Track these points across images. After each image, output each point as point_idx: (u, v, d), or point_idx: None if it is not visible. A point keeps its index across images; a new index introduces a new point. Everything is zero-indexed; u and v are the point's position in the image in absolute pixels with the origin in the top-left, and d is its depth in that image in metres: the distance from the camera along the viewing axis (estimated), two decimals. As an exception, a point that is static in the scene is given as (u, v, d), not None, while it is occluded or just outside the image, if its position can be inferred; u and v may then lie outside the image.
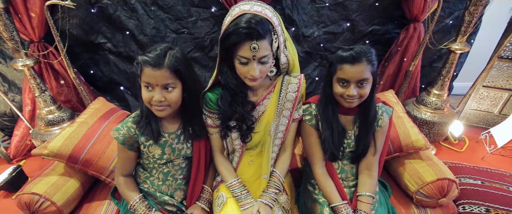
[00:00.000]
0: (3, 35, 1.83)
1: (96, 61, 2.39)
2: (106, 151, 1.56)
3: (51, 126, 2.19)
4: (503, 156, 2.56)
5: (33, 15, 2.01)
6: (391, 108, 1.41)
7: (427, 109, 2.34)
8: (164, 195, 1.38)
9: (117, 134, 1.24)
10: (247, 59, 1.15)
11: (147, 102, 1.17)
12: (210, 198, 1.45)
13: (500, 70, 2.58)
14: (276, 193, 1.37)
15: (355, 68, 1.20)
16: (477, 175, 1.88)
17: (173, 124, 1.33)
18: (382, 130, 1.37)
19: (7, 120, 2.60)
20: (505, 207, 1.66)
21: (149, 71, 1.10)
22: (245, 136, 1.37)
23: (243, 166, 1.45)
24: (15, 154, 2.55)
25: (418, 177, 1.51)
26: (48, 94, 2.14)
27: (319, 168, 1.42)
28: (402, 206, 1.57)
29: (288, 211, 1.43)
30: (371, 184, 1.38)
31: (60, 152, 1.46)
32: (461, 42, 2.09)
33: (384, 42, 2.51)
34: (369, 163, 1.40)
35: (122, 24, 2.17)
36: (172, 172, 1.37)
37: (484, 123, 2.89)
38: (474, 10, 1.93)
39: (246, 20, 1.09)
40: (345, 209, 1.32)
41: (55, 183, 1.46)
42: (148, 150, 1.29)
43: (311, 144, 1.42)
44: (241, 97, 1.32)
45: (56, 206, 1.40)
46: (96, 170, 1.53)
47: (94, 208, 1.56)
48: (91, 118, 1.65)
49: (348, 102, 1.28)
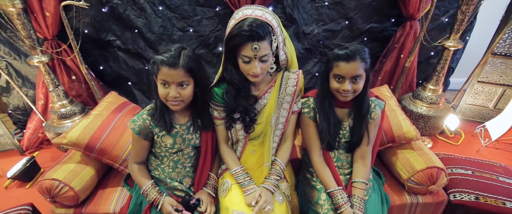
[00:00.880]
0: (21, 34, 1.97)
1: (106, 57, 2.54)
2: (120, 141, 1.70)
3: (64, 119, 2.33)
4: (497, 149, 2.69)
5: (48, 14, 2.15)
6: (383, 102, 1.53)
7: (423, 103, 2.47)
8: (173, 181, 1.52)
9: (133, 125, 1.38)
10: (249, 58, 1.29)
11: (163, 98, 1.31)
12: (215, 184, 1.58)
13: (494, 66, 2.70)
14: (277, 179, 1.50)
15: (350, 65, 1.33)
16: (468, 165, 2.00)
17: (183, 116, 1.47)
18: (375, 122, 1.50)
19: (20, 114, 2.76)
20: (493, 195, 1.78)
21: (166, 70, 1.24)
22: (248, 127, 1.51)
23: (246, 155, 1.59)
24: (27, 146, 2.71)
25: (409, 165, 1.65)
26: (61, 89, 2.28)
27: (316, 157, 1.55)
28: (395, 193, 1.70)
29: (288, 197, 1.56)
30: (365, 172, 1.51)
31: (78, 142, 1.61)
32: (454, 40, 2.21)
33: (382, 39, 2.63)
34: (363, 152, 1.53)
35: (131, 23, 2.31)
36: (181, 160, 1.51)
37: (479, 117, 3.02)
38: (466, 9, 2.05)
39: (248, 23, 1.23)
40: (340, 194, 1.45)
41: (73, 170, 1.61)
42: (161, 140, 1.43)
43: (310, 134, 1.56)
44: (245, 92, 1.45)
45: (74, 191, 1.54)
46: (110, 158, 1.68)
47: (108, 194, 1.71)
48: (105, 111, 1.79)
49: (343, 96, 1.41)
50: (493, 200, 1.76)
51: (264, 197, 1.40)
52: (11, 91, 2.62)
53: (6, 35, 2.35)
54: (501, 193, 1.79)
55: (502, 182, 1.88)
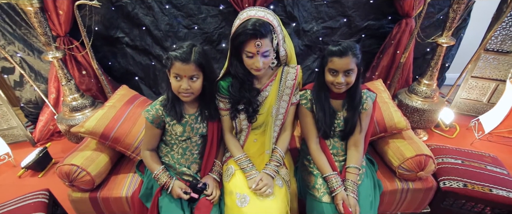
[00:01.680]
0: (38, 31, 2.14)
1: (114, 53, 2.71)
2: (132, 130, 1.87)
3: (75, 111, 2.50)
4: (490, 141, 2.86)
5: (61, 13, 2.33)
6: (375, 94, 1.70)
7: (418, 98, 2.62)
8: (182, 166, 1.68)
9: (147, 114, 1.55)
10: (252, 53, 1.46)
11: (175, 90, 1.48)
12: (220, 170, 1.75)
13: (486, 62, 2.86)
14: (277, 166, 1.66)
15: (343, 60, 1.49)
16: (458, 155, 2.16)
17: (192, 107, 1.63)
18: (367, 112, 1.66)
19: (32, 107, 2.94)
20: (480, 183, 1.93)
21: (179, 65, 1.40)
22: (251, 117, 1.68)
23: (249, 144, 1.75)
24: (39, 138, 2.89)
25: (400, 153, 1.81)
26: (73, 83, 2.45)
27: (313, 144, 1.72)
28: (387, 179, 1.87)
29: (287, 182, 1.72)
30: (358, 158, 1.68)
31: (94, 130, 1.78)
32: (447, 36, 2.36)
33: (379, 36, 2.79)
34: (356, 140, 1.69)
35: (139, 20, 2.49)
36: (189, 147, 1.68)
37: (474, 111, 3.18)
38: (457, 7, 2.20)
39: (251, 23, 1.40)
40: (335, 178, 1.62)
41: (89, 156, 1.78)
42: (171, 128, 1.59)
43: (307, 124, 1.72)
44: (248, 85, 1.62)
45: (91, 176, 1.71)
46: (123, 146, 1.85)
47: (120, 179, 1.88)
48: (118, 102, 1.96)
49: (337, 88, 1.57)
50: (481, 187, 1.91)
51: (265, 181, 1.56)
52: (24, 85, 2.79)
53: (21, 32, 2.53)
54: (488, 181, 1.94)
55: (490, 171, 2.03)
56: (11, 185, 2.52)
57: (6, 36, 2.51)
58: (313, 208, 1.65)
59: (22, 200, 1.81)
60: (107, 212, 1.86)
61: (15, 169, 2.67)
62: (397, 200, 1.87)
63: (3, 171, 2.66)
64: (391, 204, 1.89)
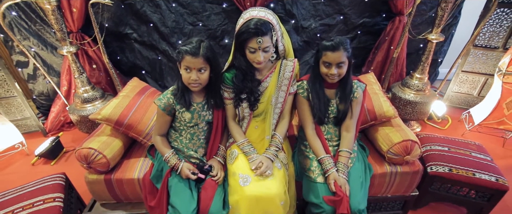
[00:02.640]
0: (54, 27, 2.36)
1: (123, 49, 2.94)
2: (143, 118, 2.08)
3: (86, 103, 2.72)
4: (479, 132, 3.07)
5: (75, 10, 2.55)
6: (364, 84, 1.91)
7: (410, 91, 2.84)
8: (190, 150, 1.89)
9: (159, 102, 1.76)
10: (254, 49, 1.67)
11: (185, 81, 1.68)
12: (224, 154, 1.95)
13: (476, 57, 3.08)
14: (276, 150, 1.87)
15: (335, 54, 1.70)
16: (445, 143, 2.36)
17: (200, 96, 1.84)
18: (357, 100, 1.87)
19: (44, 99, 3.16)
20: (465, 168, 2.13)
21: (189, 58, 1.61)
22: (252, 105, 1.89)
23: (251, 130, 1.96)
24: (50, 128, 3.12)
25: (388, 139, 2.01)
26: (85, 76, 2.67)
27: (309, 130, 1.93)
28: (377, 163, 2.07)
29: (285, 165, 1.93)
30: (349, 142, 1.89)
31: (110, 117, 1.99)
32: (437, 33, 2.57)
33: (374, 32, 3.01)
34: (347, 126, 1.91)
35: (147, 18, 2.71)
36: (197, 133, 1.89)
37: (465, 104, 3.40)
38: (445, 6, 2.41)
39: (253, 23, 1.62)
40: (328, 160, 1.83)
41: (105, 141, 1.98)
42: (181, 115, 1.80)
43: (304, 111, 1.93)
44: (250, 76, 1.83)
45: (106, 159, 1.92)
46: (135, 132, 2.06)
47: (132, 163, 2.08)
48: (131, 93, 2.18)
49: (331, 79, 1.78)
50: (464, 171, 2.11)
51: (265, 163, 1.77)
52: (37, 78, 3.02)
53: (36, 28, 2.75)
54: (472, 166, 2.14)
55: (474, 157, 2.23)
56: (26, 172, 2.75)
57: (22, 32, 2.73)
58: (309, 188, 1.86)
59: (41, 182, 2.03)
60: (120, 193, 2.06)
61: (28, 157, 2.90)
62: (386, 182, 2.08)
63: (17, 159, 2.89)
64: (381, 186, 2.09)
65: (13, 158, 2.91)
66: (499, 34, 2.92)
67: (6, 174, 2.75)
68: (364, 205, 1.78)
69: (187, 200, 1.75)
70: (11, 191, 1.97)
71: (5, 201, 1.88)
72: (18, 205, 1.84)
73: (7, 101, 2.95)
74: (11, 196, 1.91)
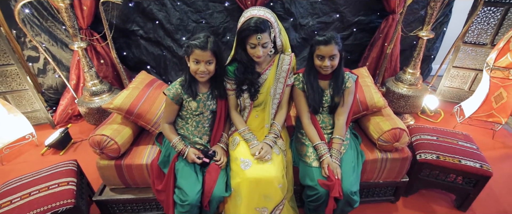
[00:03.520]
0: (67, 24, 2.56)
1: (129, 45, 3.15)
2: (152, 108, 2.28)
3: (94, 96, 2.93)
4: (470, 125, 3.28)
5: (85, 8, 2.75)
6: (356, 75, 2.11)
7: (403, 85, 3.04)
8: (195, 137, 2.08)
9: (168, 92, 1.95)
10: (254, 44, 1.88)
11: (194, 72, 1.88)
12: (227, 141, 2.15)
13: (466, 53, 3.29)
14: (275, 137, 2.07)
15: (327, 48, 1.90)
16: (434, 133, 2.55)
17: (205, 87, 2.04)
18: (349, 90, 2.07)
19: (52, 93, 3.38)
20: (451, 155, 2.31)
21: (198, 52, 1.81)
22: (253, 95, 2.08)
23: (251, 119, 2.16)
24: (58, 120, 3.33)
25: (379, 127, 2.21)
26: (94, 70, 2.88)
27: (305, 119, 2.13)
28: (369, 150, 2.26)
29: (283, 151, 2.11)
30: (342, 129, 2.08)
31: (121, 107, 2.19)
32: (427, 30, 2.78)
33: (369, 30, 3.22)
34: (340, 114, 2.10)
35: (153, 15, 2.92)
36: (202, 121, 2.08)
37: (457, 98, 3.61)
38: (434, 5, 2.62)
39: (254, 21, 1.82)
40: (322, 146, 2.02)
41: (116, 129, 2.18)
42: (188, 104, 2.00)
43: (300, 101, 2.13)
44: (251, 69, 2.03)
45: (118, 145, 2.11)
46: (144, 121, 2.26)
47: (141, 150, 2.28)
48: (140, 84, 2.38)
49: (324, 71, 1.98)
50: (451, 158, 2.29)
51: (265, 149, 1.96)
52: (47, 72, 3.23)
53: (47, 25, 2.96)
54: (458, 153, 2.32)
55: (461, 146, 2.42)
56: (35, 161, 2.95)
57: (34, 28, 2.94)
58: (305, 172, 2.06)
59: (55, 167, 2.22)
60: (129, 178, 2.25)
61: (38, 148, 3.10)
62: (378, 168, 2.27)
63: (27, 150, 3.10)
64: (373, 172, 2.29)
65: (23, 148, 3.11)
66: (487, 32, 3.14)
67: (17, 163, 2.95)
68: (356, 187, 1.97)
69: (192, 182, 1.94)
70: (27, 176, 2.15)
71: (22, 184, 2.06)
72: (34, 187, 2.02)
73: (19, 94, 3.16)
74: (28, 180, 2.10)
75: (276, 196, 1.95)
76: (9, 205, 1.92)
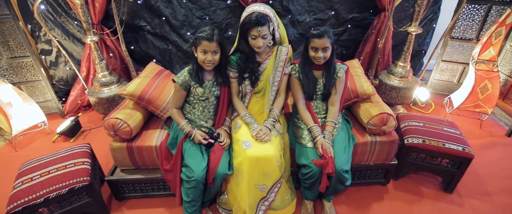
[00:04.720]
0: (81, 19, 2.84)
1: (136, 39, 3.42)
2: (161, 95, 2.55)
3: (103, 86, 3.20)
4: (459, 115, 3.55)
5: (97, 5, 3.04)
6: (346, 66, 2.38)
7: (395, 77, 3.32)
8: (201, 121, 2.34)
9: (177, 79, 2.21)
10: (255, 36, 2.16)
11: (201, 61, 2.14)
12: (229, 125, 2.41)
13: (453, 48, 3.58)
14: (273, 121, 2.32)
15: (321, 40, 2.16)
16: (421, 120, 2.80)
17: (210, 75, 2.29)
18: (340, 79, 2.34)
19: (63, 84, 3.66)
20: (436, 139, 2.55)
21: (206, 43, 2.07)
22: (253, 83, 2.35)
23: (252, 104, 2.42)
24: (68, 110, 3.61)
25: (368, 113, 2.47)
26: (104, 62, 3.16)
27: (301, 105, 2.39)
28: (359, 134, 2.52)
29: (281, 134, 2.37)
30: (334, 114, 2.35)
31: (133, 93, 2.46)
32: (415, 26, 3.07)
33: (363, 26, 3.49)
34: (333, 100, 2.37)
35: (160, 12, 3.20)
36: (207, 106, 2.34)
37: (447, 91, 3.90)
38: (421, 2, 2.90)
39: (255, 15, 2.10)
40: (316, 128, 2.28)
41: (129, 113, 2.44)
42: (195, 90, 2.25)
43: (296, 89, 2.40)
44: (252, 58, 2.30)
45: (130, 128, 2.36)
46: (154, 106, 2.53)
47: (150, 133, 2.54)
48: (150, 74, 2.66)
49: (318, 61, 2.25)
50: (436, 142, 2.53)
51: (264, 131, 2.22)
52: (58, 65, 3.51)
53: (60, 20, 3.24)
54: (443, 138, 2.57)
55: (445, 131, 2.66)
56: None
57: (48, 23, 3.23)
58: (300, 152, 2.32)
59: (71, 149, 2.47)
60: (139, 159, 2.50)
61: (49, 135, 3.38)
62: (368, 150, 2.53)
63: (39, 137, 3.37)
64: (364, 154, 2.54)
65: (35, 136, 3.38)
66: (472, 28, 3.44)
67: (30, 149, 3.21)
68: (347, 166, 2.23)
69: (198, 161, 2.19)
70: (45, 157, 2.40)
71: (41, 164, 2.32)
72: (52, 166, 2.27)
73: (32, 85, 3.45)
74: (46, 160, 2.35)
75: (274, 174, 2.19)
76: (30, 181, 2.16)
